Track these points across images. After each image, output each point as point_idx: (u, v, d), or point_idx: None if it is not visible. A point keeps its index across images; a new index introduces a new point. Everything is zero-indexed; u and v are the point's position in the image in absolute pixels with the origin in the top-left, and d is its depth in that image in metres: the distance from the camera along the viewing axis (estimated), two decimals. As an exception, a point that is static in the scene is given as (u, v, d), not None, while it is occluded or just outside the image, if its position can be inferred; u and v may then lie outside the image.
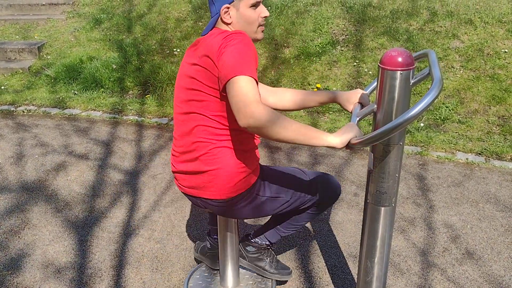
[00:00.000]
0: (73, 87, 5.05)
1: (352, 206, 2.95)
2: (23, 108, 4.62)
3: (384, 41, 4.96)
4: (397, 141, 1.53)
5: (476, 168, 3.39)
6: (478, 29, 4.86)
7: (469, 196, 3.03)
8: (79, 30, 6.10)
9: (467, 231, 2.69)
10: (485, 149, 3.60)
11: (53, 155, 3.65)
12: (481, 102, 4.20)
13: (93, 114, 4.47)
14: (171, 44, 5.46)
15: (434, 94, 1.26)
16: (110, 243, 2.62)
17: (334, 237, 2.66)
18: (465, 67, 4.54)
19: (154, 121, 4.29)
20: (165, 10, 6.02)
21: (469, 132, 3.90)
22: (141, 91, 4.98)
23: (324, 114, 4.37)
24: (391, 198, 1.64)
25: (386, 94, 1.47)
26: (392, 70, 1.43)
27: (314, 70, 4.83)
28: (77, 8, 6.75)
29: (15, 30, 6.41)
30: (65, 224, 2.80)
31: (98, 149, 3.74)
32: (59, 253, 2.54)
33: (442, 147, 3.67)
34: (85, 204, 3.00)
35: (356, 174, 3.33)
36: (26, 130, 4.12)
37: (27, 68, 5.53)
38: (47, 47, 5.88)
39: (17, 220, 2.84)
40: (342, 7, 5.51)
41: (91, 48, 5.66)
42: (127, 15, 6.16)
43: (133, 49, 5.43)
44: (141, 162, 3.53)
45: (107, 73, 5.08)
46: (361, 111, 1.67)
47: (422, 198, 3.03)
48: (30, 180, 3.30)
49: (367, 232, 1.74)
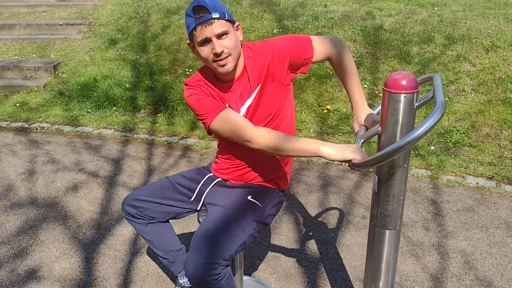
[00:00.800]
0: (86, 105, 5.13)
1: (360, 229, 2.93)
2: (37, 125, 4.70)
3: (395, 64, 4.98)
4: (402, 163, 1.53)
5: (487, 192, 3.35)
6: (490, 53, 4.85)
7: (479, 221, 2.99)
8: (94, 49, 6.22)
9: (476, 257, 2.64)
10: (496, 173, 3.56)
11: (63, 172, 3.69)
12: (493, 126, 4.17)
13: (105, 132, 4.53)
14: (184, 65, 5.54)
15: (437, 117, 1.26)
16: (116, 261, 2.63)
17: (340, 260, 2.63)
18: (476, 90, 4.52)
19: (164, 140, 4.32)
20: (178, 31, 6.12)
21: (480, 156, 3.87)
22: (152, 110, 5.04)
23: (334, 135, 4.36)
24: (396, 221, 1.63)
25: (390, 116, 1.48)
26: (396, 93, 1.44)
27: (324, 92, 4.85)
28: (93, 28, 6.90)
29: (32, 48, 6.55)
30: (72, 241, 2.81)
31: (108, 167, 3.78)
32: (65, 270, 2.55)
33: (452, 170, 3.63)
34: (92, 222, 3.02)
35: (364, 196, 3.31)
36: (38, 147, 4.18)
37: (42, 86, 5.63)
38: (63, 66, 6.00)
39: (25, 236, 2.86)
40: (354, 30, 5.55)
41: (105, 68, 5.76)
42: (142, 35, 6.27)
43: (146, 68, 5.52)
44: (150, 180, 3.55)
45: (120, 92, 5.15)
46: (366, 133, 1.67)
47: (431, 222, 2.99)
48: (40, 196, 3.34)
49: (371, 255, 1.72)
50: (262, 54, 1.78)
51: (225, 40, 1.64)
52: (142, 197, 2.00)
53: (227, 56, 1.65)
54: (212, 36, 1.62)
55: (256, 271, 2.55)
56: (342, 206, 3.19)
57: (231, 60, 1.67)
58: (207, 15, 1.59)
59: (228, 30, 1.64)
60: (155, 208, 2.01)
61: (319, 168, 3.75)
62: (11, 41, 6.75)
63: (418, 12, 5.95)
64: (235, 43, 1.67)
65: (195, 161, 3.86)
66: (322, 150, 1.58)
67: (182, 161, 3.88)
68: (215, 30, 1.61)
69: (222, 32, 1.62)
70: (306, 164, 3.82)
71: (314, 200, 3.27)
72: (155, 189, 2.02)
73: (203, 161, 3.88)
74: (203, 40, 1.63)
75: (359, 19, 5.81)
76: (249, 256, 2.68)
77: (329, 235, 2.86)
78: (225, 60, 1.66)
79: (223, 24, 1.62)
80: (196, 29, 1.63)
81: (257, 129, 1.68)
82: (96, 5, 7.66)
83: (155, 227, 2.07)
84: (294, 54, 1.78)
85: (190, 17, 1.63)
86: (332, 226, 2.96)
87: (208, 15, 1.59)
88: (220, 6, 1.64)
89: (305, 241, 2.81)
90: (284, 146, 1.64)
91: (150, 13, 6.78)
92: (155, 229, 2.07)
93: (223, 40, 1.64)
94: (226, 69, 1.67)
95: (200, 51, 1.67)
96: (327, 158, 1.57)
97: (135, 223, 2.05)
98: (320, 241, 2.80)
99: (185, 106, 4.94)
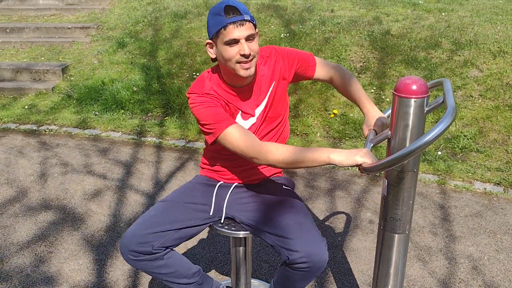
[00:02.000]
0: (94, 108, 5.16)
1: (367, 233, 2.93)
2: (45, 128, 4.73)
3: (402, 69, 4.98)
4: (411, 168, 1.54)
5: (494, 198, 3.34)
6: (497, 59, 4.85)
7: (486, 227, 2.98)
8: (102, 53, 6.26)
9: (484, 262, 2.63)
10: (504, 179, 3.55)
11: (72, 174, 3.72)
12: (500, 131, 4.16)
13: (113, 135, 4.56)
14: (191, 68, 5.57)
15: (448, 122, 1.27)
16: (124, 263, 2.64)
17: (348, 264, 2.63)
18: (484, 96, 4.52)
19: (171, 143, 4.34)
20: (186, 35, 6.15)
21: (487, 161, 3.86)
22: (160, 113, 5.06)
23: (341, 140, 4.37)
24: (405, 225, 1.64)
25: (400, 121, 1.49)
26: (406, 98, 1.45)
27: (331, 96, 4.86)
28: (101, 32, 6.95)
29: (41, 52, 6.61)
30: (81, 243, 2.83)
31: (116, 169, 3.80)
32: (73, 271, 2.57)
33: (460, 176, 3.63)
34: (101, 223, 3.04)
35: (371, 200, 3.31)
36: (47, 149, 4.21)
37: (51, 88, 5.68)
38: (71, 69, 6.05)
39: (34, 237, 2.88)
40: (361, 35, 5.56)
41: (113, 71, 5.80)
42: (150, 39, 6.31)
43: (154, 72, 5.55)
44: (157, 183, 3.57)
45: (128, 95, 5.19)
46: (375, 137, 1.68)
47: (439, 227, 2.98)
48: (48, 198, 3.36)
49: (380, 259, 1.73)
50: (272, 57, 1.85)
51: (252, 44, 1.67)
52: (150, 229, 1.76)
53: (252, 59, 1.68)
54: (241, 37, 1.63)
55: (264, 274, 2.56)
56: (349, 210, 3.19)
57: (254, 63, 1.70)
58: (239, 16, 1.62)
59: (255, 35, 1.68)
60: (169, 236, 1.78)
61: (326, 172, 3.76)
62: (20, 44, 6.81)
63: (425, 17, 5.96)
64: (258, 48, 1.71)
65: (202, 165, 3.88)
66: (332, 157, 1.57)
67: (189, 164, 3.90)
68: (246, 32, 1.63)
69: (251, 34, 1.65)
70: (313, 168, 3.83)
71: (321, 204, 3.28)
72: (160, 216, 1.81)
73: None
74: (231, 40, 1.63)
75: (366, 24, 5.82)
76: (256, 259, 2.69)
77: (336, 239, 2.87)
78: (250, 63, 1.68)
79: (252, 27, 1.66)
80: (226, 28, 1.62)
81: (264, 145, 1.66)
82: (104, 9, 7.72)
83: (171, 256, 1.83)
84: (301, 60, 1.89)
85: (220, 16, 1.63)
86: (339, 230, 2.97)
87: (240, 16, 1.62)
88: (248, 10, 1.68)
89: None
90: (293, 159, 1.63)
91: (158, 17, 6.82)
92: (172, 258, 1.83)
93: (250, 43, 1.66)
94: (249, 72, 1.69)
95: (224, 50, 1.66)
96: (338, 165, 1.57)
97: (149, 260, 1.78)
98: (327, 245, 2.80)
99: (192, 110, 4.96)
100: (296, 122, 4.63)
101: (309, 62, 1.91)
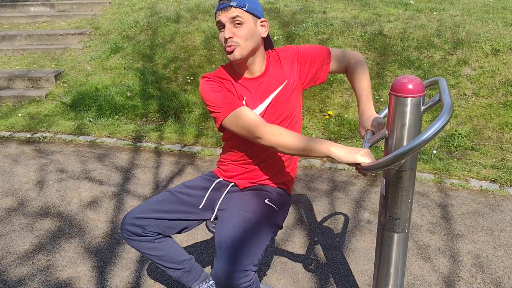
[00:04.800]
0: (88, 114, 5.15)
1: (365, 234, 2.93)
2: (39, 135, 4.71)
3: (396, 69, 5.00)
4: (409, 166, 1.54)
5: (490, 195, 3.35)
6: (490, 57, 4.88)
7: (484, 224, 2.99)
8: (95, 59, 6.24)
9: (483, 260, 2.64)
10: (499, 176, 3.57)
11: (67, 181, 3.70)
12: (494, 129, 4.18)
13: (108, 141, 4.54)
14: (186, 72, 5.56)
15: (445, 120, 1.27)
16: (122, 269, 2.63)
17: (347, 265, 2.63)
18: (477, 94, 4.54)
19: (167, 148, 4.34)
20: (178, 40, 6.15)
21: (483, 159, 3.88)
22: (155, 118, 5.05)
23: (336, 141, 4.38)
24: (404, 224, 1.64)
25: (397, 120, 1.49)
26: (402, 97, 1.45)
27: (326, 98, 4.87)
28: (93, 38, 6.93)
29: (33, 59, 6.58)
30: (78, 250, 2.81)
31: (112, 175, 3.78)
32: (72, 279, 2.55)
33: (455, 174, 3.64)
34: (98, 230, 3.02)
35: (369, 201, 3.32)
36: (41, 157, 4.19)
37: (44, 96, 5.65)
38: (64, 76, 6.03)
39: (31, 246, 2.86)
40: (353, 36, 5.58)
41: (107, 76, 5.79)
42: (142, 44, 6.30)
43: (147, 77, 5.54)
44: (154, 188, 3.56)
45: (122, 101, 5.17)
46: (373, 137, 1.68)
47: (436, 225, 2.99)
48: (44, 205, 3.34)
49: (380, 259, 1.73)
50: (289, 59, 1.88)
51: (239, 29, 1.71)
52: (144, 214, 1.89)
53: (234, 44, 1.72)
54: (226, 22, 1.71)
55: (263, 277, 2.55)
56: (347, 211, 3.19)
57: (239, 50, 1.73)
58: (226, 2, 1.71)
59: (243, 20, 1.71)
60: (161, 223, 1.91)
61: (324, 173, 3.76)
62: (12, 52, 6.78)
63: (417, 17, 5.99)
64: (248, 34, 1.72)
65: (199, 168, 3.87)
66: (332, 150, 1.58)
67: (186, 168, 3.89)
68: (228, 16, 1.71)
69: (235, 19, 1.70)
70: (311, 169, 3.83)
71: (320, 205, 3.28)
72: (157, 204, 1.92)
73: (208, 168, 3.89)
74: (219, 24, 1.73)
75: (359, 25, 5.84)
76: (256, 262, 2.68)
77: (335, 240, 2.87)
78: (232, 47, 1.72)
79: (239, 12, 1.71)
80: (216, 14, 1.75)
81: (269, 126, 1.69)
82: (96, 15, 7.71)
83: (163, 241, 1.96)
84: (315, 57, 1.89)
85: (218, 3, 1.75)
86: (338, 231, 2.97)
87: (227, 2, 1.71)
88: None
89: (311, 246, 2.81)
90: (294, 144, 1.64)
91: (151, 22, 6.81)
92: (163, 243, 1.95)
93: (236, 29, 1.71)
94: (233, 56, 1.74)
95: (219, 36, 1.76)
96: (337, 159, 1.57)
97: (140, 241, 1.92)
98: (326, 246, 2.81)
99: (187, 114, 4.96)
100: (291, 124, 4.63)
101: (323, 59, 1.91)
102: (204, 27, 6.30)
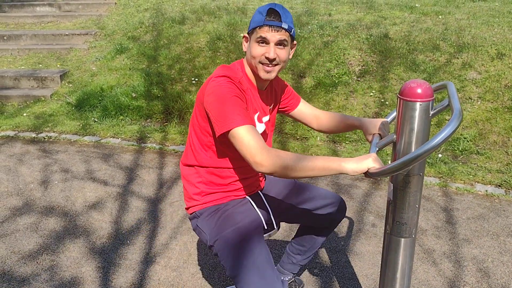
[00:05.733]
0: (93, 114, 5.15)
1: (370, 237, 2.92)
2: (44, 135, 4.72)
3: (401, 72, 4.99)
4: (417, 171, 1.53)
5: (496, 200, 3.34)
6: (495, 61, 4.86)
7: (489, 229, 2.98)
8: (100, 59, 6.26)
9: (488, 265, 2.63)
10: (504, 181, 3.55)
11: (72, 181, 3.70)
12: (500, 133, 4.17)
13: (113, 141, 4.54)
14: (190, 74, 5.57)
15: (455, 125, 1.26)
16: (126, 270, 2.63)
17: (352, 269, 2.63)
18: (483, 98, 4.53)
19: (171, 149, 4.34)
20: (184, 41, 6.16)
21: (488, 163, 3.86)
22: (159, 119, 5.06)
23: (341, 143, 4.37)
24: (411, 229, 1.63)
25: (405, 125, 1.48)
26: (411, 101, 1.45)
27: (331, 100, 4.86)
28: (99, 39, 6.94)
29: (39, 59, 6.60)
30: (83, 250, 2.81)
31: (117, 176, 3.79)
32: (76, 279, 2.55)
33: (461, 178, 3.63)
34: (102, 231, 3.02)
35: (373, 204, 3.31)
36: (46, 156, 4.19)
37: (49, 96, 5.67)
38: (69, 76, 6.04)
39: (35, 245, 2.86)
40: (359, 39, 5.57)
41: (112, 77, 5.80)
42: (148, 45, 6.31)
43: (152, 77, 5.55)
44: (158, 189, 3.56)
45: (127, 101, 5.18)
46: (381, 141, 1.67)
47: (441, 230, 2.98)
48: (49, 205, 3.34)
49: (387, 263, 1.72)
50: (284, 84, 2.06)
51: (281, 51, 1.71)
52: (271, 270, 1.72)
53: (275, 65, 1.73)
54: (272, 41, 1.69)
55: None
56: (352, 214, 3.19)
57: (277, 70, 1.75)
58: (277, 22, 1.67)
59: (287, 43, 1.72)
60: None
61: (328, 176, 3.75)
62: (17, 52, 6.80)
63: (423, 20, 5.98)
64: (286, 57, 1.74)
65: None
66: (344, 166, 1.52)
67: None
68: (277, 37, 1.68)
69: (282, 42, 1.70)
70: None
71: (323, 208, 3.27)
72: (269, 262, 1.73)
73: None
74: (261, 38, 1.69)
75: (364, 27, 5.84)
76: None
77: (339, 244, 2.86)
78: (272, 68, 1.73)
79: (287, 36, 1.71)
80: (261, 28, 1.69)
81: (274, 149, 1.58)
82: (101, 15, 7.73)
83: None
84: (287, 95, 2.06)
85: (262, 15, 1.69)
86: (343, 235, 2.96)
87: (278, 22, 1.67)
88: (290, 20, 1.71)
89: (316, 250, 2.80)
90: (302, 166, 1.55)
91: (156, 23, 6.82)
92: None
93: (279, 50, 1.71)
94: (269, 76, 1.74)
95: (254, 47, 1.71)
96: (350, 173, 1.52)
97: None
98: (331, 250, 2.80)
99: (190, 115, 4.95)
100: (296, 126, 4.63)
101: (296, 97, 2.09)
102: (209, 29, 6.31)
